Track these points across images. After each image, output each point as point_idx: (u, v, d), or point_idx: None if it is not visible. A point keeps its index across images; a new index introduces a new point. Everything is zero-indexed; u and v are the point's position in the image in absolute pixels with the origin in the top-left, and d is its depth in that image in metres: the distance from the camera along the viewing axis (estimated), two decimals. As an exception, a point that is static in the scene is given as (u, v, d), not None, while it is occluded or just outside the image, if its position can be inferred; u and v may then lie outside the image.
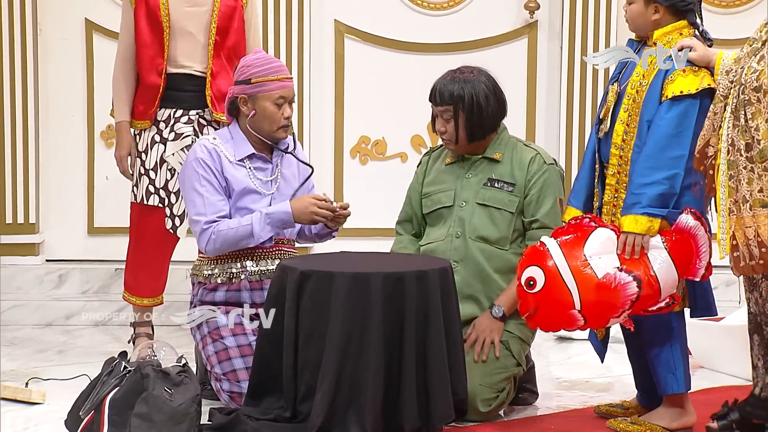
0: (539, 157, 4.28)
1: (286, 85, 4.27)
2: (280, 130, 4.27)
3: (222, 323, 4.19)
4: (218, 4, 4.91)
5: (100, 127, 6.06)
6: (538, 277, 3.83)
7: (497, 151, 4.28)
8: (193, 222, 4.24)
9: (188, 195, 4.24)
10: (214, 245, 4.18)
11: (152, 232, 4.94)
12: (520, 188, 4.24)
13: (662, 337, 3.96)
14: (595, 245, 3.86)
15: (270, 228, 4.18)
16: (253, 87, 4.24)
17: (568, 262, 3.83)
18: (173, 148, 4.93)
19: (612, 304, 3.81)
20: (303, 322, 3.82)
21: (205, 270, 4.29)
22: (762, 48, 3.59)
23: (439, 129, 4.28)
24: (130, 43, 4.91)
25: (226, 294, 4.25)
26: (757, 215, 3.55)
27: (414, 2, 6.09)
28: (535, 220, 4.22)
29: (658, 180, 3.81)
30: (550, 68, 6.06)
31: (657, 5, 3.95)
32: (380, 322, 3.73)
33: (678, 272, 3.86)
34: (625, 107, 3.95)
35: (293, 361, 3.82)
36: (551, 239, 3.89)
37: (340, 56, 6.10)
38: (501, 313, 4.15)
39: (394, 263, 4.03)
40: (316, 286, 3.80)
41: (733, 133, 3.59)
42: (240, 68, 4.31)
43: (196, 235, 4.22)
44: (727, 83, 3.66)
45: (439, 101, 4.24)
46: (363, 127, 6.13)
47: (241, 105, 4.27)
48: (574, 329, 3.90)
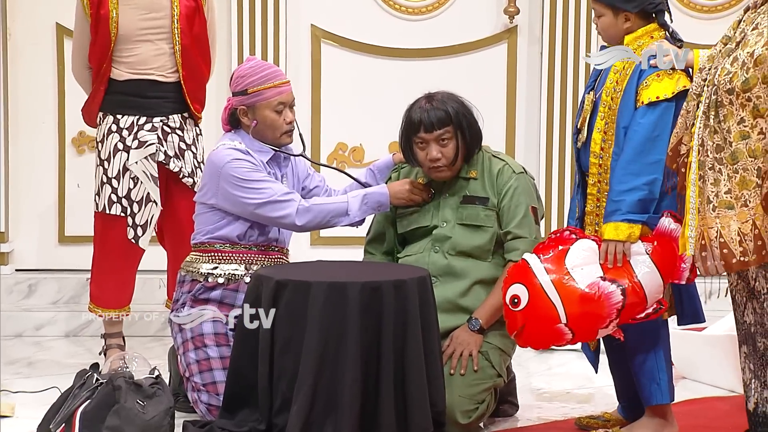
0: (507, 167, 4.29)
1: (284, 90, 4.27)
2: (284, 136, 4.28)
3: (207, 330, 4.18)
4: (177, 9, 4.94)
5: (71, 133, 6.06)
6: (522, 294, 3.86)
7: (472, 169, 4.30)
8: (274, 203, 4.14)
9: (247, 186, 4.14)
10: (307, 218, 4.15)
11: (115, 241, 4.95)
12: (493, 202, 4.26)
13: (646, 346, 3.99)
14: (576, 257, 3.89)
15: (366, 209, 4.21)
16: (250, 97, 4.24)
17: (550, 276, 3.85)
18: (136, 156, 4.95)
19: (598, 314, 3.84)
20: (279, 332, 3.82)
21: (204, 267, 4.25)
22: (736, 49, 3.63)
23: (433, 156, 4.21)
24: (84, 42, 4.99)
25: (222, 293, 4.24)
26: (721, 216, 3.58)
27: (392, 7, 6.11)
28: (509, 232, 4.23)
29: (637, 186, 3.84)
30: (530, 74, 6.09)
31: (627, 14, 3.98)
32: (357, 332, 3.74)
33: (662, 277, 3.89)
34: (602, 115, 3.97)
35: (268, 372, 3.83)
36: (533, 255, 3.91)
37: (316, 62, 6.11)
38: (478, 325, 4.16)
39: (372, 272, 4.04)
40: (292, 295, 3.80)
41: (704, 133, 3.63)
42: (235, 79, 4.30)
43: (280, 213, 4.14)
44: (699, 81, 3.70)
45: (435, 126, 4.20)
46: (340, 134, 6.14)
47: (242, 116, 4.26)
48: (564, 344, 3.91)
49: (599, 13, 4.02)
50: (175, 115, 5.02)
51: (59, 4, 5.96)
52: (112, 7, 4.90)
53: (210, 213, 4.25)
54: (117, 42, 4.92)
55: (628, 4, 3.96)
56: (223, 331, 4.19)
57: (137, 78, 4.96)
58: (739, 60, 3.58)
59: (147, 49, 4.95)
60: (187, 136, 5.05)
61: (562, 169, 5.98)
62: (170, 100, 5.01)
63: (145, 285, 5.57)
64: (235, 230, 4.23)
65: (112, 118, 4.99)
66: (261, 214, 4.16)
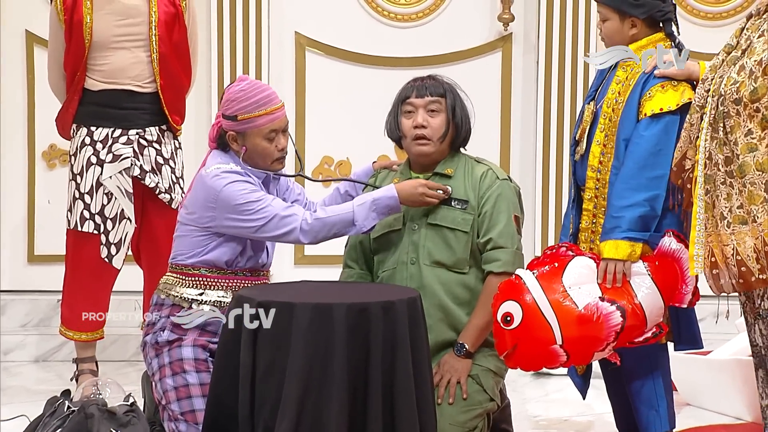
0: (491, 172, 4.27)
1: (277, 117, 4.20)
2: (275, 163, 4.24)
3: (187, 355, 4.17)
4: (156, 15, 4.94)
5: (42, 147, 6.05)
6: (515, 312, 3.85)
7: (449, 166, 4.29)
8: (277, 221, 4.10)
9: (248, 209, 4.10)
10: (312, 235, 4.11)
11: (88, 261, 4.94)
12: (473, 206, 4.23)
13: (644, 371, 3.98)
14: (573, 275, 3.89)
15: (376, 215, 4.14)
16: (240, 124, 4.17)
17: (546, 294, 3.85)
18: (111, 170, 4.95)
19: (595, 337, 3.83)
20: (260, 356, 3.81)
21: (188, 292, 4.22)
22: (741, 57, 3.64)
23: (418, 123, 4.20)
24: (60, 49, 5.00)
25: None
26: (736, 232, 3.59)
27: (380, 13, 6.12)
28: (489, 240, 4.18)
29: (638, 202, 3.84)
30: (525, 84, 6.10)
31: (634, 19, 3.98)
32: (344, 356, 3.73)
33: (663, 299, 3.89)
34: (602, 127, 3.98)
35: (250, 399, 3.81)
36: (527, 271, 3.91)
37: (301, 71, 6.12)
38: (464, 350, 4.14)
39: (359, 293, 4.03)
40: (275, 317, 3.79)
41: (711, 146, 3.64)
42: (225, 101, 4.21)
43: (283, 230, 4.11)
44: (702, 92, 3.71)
45: (428, 92, 4.21)
46: (326, 147, 6.14)
47: (231, 141, 4.21)
48: (557, 366, 3.91)
49: (604, 17, 4.02)
50: (152, 127, 5.02)
51: (29, 10, 5.97)
52: (86, 12, 4.90)
53: (199, 236, 4.21)
54: (91, 49, 4.92)
55: (636, 9, 3.96)
56: (203, 356, 4.17)
57: (112, 88, 4.96)
58: (746, 68, 3.59)
59: (123, 57, 4.95)
60: (165, 150, 5.05)
61: (559, 183, 5.98)
62: (147, 111, 5.01)
63: (120, 306, 5.55)
64: (225, 255, 4.21)
65: (86, 130, 4.99)
66: (264, 235, 4.15)
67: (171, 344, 4.15)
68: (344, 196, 4.44)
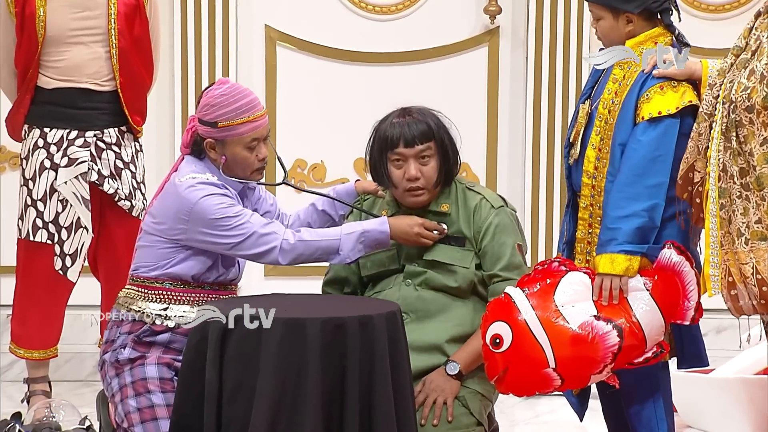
0: (484, 201, 4.28)
1: (260, 125, 4.18)
2: (254, 173, 4.23)
3: (151, 375, 4.15)
4: (115, 7, 4.94)
5: (-12, 149, 6.04)
6: (505, 333, 3.86)
7: (443, 202, 4.29)
8: (255, 239, 4.10)
9: (224, 224, 4.09)
10: (292, 256, 4.12)
11: (41, 273, 4.94)
12: (471, 241, 4.25)
13: (643, 391, 3.99)
14: (567, 292, 3.89)
15: (362, 248, 4.15)
16: (221, 132, 4.15)
17: (537, 313, 3.85)
18: (66, 175, 4.94)
19: (591, 358, 3.84)
20: (228, 375, 3.80)
21: (151, 307, 4.20)
22: (751, 59, 3.62)
23: (411, 175, 4.19)
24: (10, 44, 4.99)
25: (170, 337, 4.20)
26: (755, 249, 3.58)
27: (357, 5, 6.12)
28: (495, 275, 4.22)
29: (635, 212, 3.84)
30: (513, 81, 6.11)
31: (628, 15, 3.98)
32: (318, 375, 3.73)
33: (664, 316, 3.89)
34: (597, 129, 3.98)
35: (215, 421, 3.80)
36: (517, 289, 3.91)
37: (271, 67, 6.11)
38: (456, 370, 4.14)
39: (334, 307, 4.03)
40: (244, 333, 3.79)
41: (725, 156, 3.62)
42: (203, 106, 4.18)
43: (261, 249, 4.11)
44: (711, 99, 3.69)
45: (417, 140, 4.19)
46: (298, 150, 6.14)
47: (209, 150, 4.19)
48: (551, 391, 3.91)
49: (597, 17, 4.02)
50: (111, 128, 5.01)
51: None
52: (39, 5, 4.89)
53: (165, 248, 4.20)
54: (45, 44, 4.91)
55: (629, 3, 3.96)
56: (168, 376, 4.16)
57: (68, 86, 4.96)
58: (756, 72, 3.57)
59: (79, 52, 4.95)
60: (125, 153, 5.04)
61: (550, 190, 5.99)
62: (105, 111, 5.01)
63: (75, 322, 5.54)
64: (192, 269, 4.20)
65: (38, 131, 4.98)
66: (240, 252, 4.14)
67: (133, 362, 4.14)
68: (321, 214, 4.43)
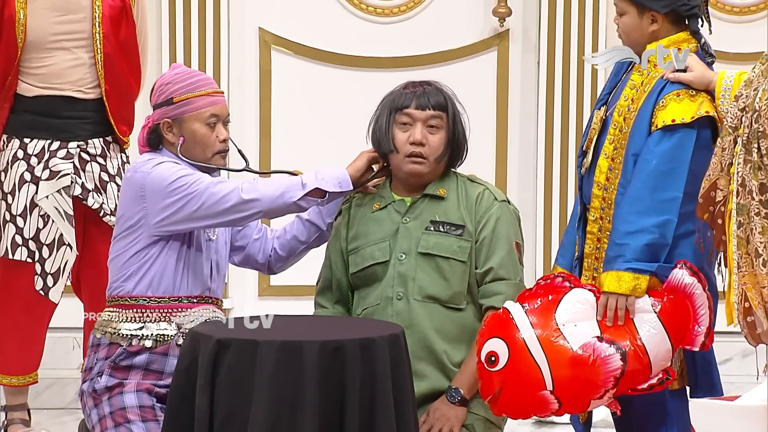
0: (488, 192, 4.29)
1: (217, 101, 4.25)
2: (216, 156, 4.25)
3: (130, 403, 4.15)
4: (100, 9, 4.94)
5: (-33, 160, 6.04)
6: (501, 351, 3.86)
7: (441, 187, 4.29)
8: (212, 188, 4.09)
9: (177, 185, 4.09)
10: (255, 193, 4.10)
11: (20, 293, 4.95)
12: (469, 231, 4.24)
13: (655, 421, 3.99)
14: (569, 310, 3.89)
15: (323, 182, 4.12)
16: (176, 108, 4.20)
17: (536, 331, 3.86)
18: (47, 189, 4.94)
19: (591, 382, 3.84)
20: (219, 402, 3.80)
21: (125, 328, 4.21)
22: (777, 66, 3.63)
23: (417, 139, 4.21)
24: None
25: (149, 357, 4.20)
26: None
27: (357, 7, 6.13)
28: (489, 270, 4.20)
29: (645, 227, 3.84)
30: (524, 87, 6.12)
31: (654, 14, 3.98)
32: (315, 402, 3.73)
33: (672, 341, 3.89)
34: (611, 138, 3.98)
35: (206, 452, 3.81)
36: (516, 304, 3.92)
37: (266, 72, 6.12)
38: (459, 396, 4.14)
39: (333, 329, 4.04)
40: (236, 357, 3.79)
41: (744, 170, 3.60)
42: (157, 88, 4.25)
43: (223, 192, 4.09)
44: (736, 111, 3.66)
45: (430, 105, 4.23)
46: (294, 158, 6.13)
47: (166, 132, 4.21)
48: (548, 415, 3.92)
49: (621, 11, 4.03)
50: (95, 139, 5.02)
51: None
52: (19, 7, 4.90)
53: (132, 250, 4.21)
54: (25, 50, 4.92)
55: (656, 2, 3.96)
56: (149, 403, 4.16)
57: (49, 94, 4.96)
58: (781, 78, 3.57)
59: (62, 58, 4.95)
60: (111, 165, 5.05)
61: (564, 203, 5.99)
62: (90, 120, 5.02)
63: (56, 346, 5.54)
64: (164, 277, 4.21)
65: (18, 142, 4.99)
66: (204, 213, 4.10)
67: (111, 391, 4.14)
68: (307, 224, 4.44)
